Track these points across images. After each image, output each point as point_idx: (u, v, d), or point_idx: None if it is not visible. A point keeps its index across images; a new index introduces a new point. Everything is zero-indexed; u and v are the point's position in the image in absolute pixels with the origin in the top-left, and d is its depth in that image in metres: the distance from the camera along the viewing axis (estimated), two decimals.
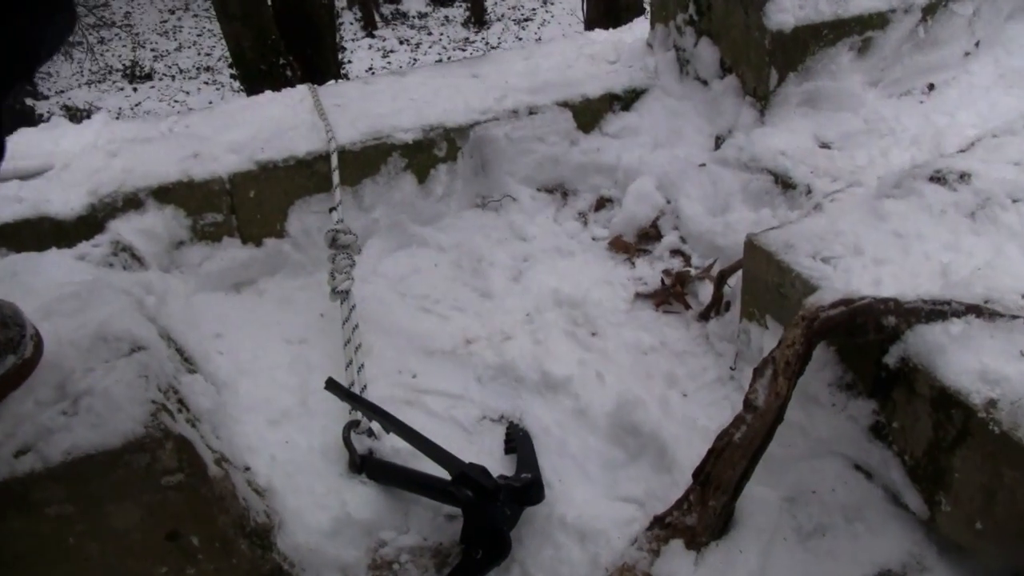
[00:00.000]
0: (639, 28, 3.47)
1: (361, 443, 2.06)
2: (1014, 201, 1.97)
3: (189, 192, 2.49)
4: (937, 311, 1.63)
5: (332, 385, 2.06)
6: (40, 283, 1.97)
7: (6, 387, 1.69)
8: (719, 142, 2.83)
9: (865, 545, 1.78)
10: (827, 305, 1.68)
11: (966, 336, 1.60)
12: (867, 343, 1.72)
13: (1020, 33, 2.92)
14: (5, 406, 1.67)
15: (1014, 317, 1.60)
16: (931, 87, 2.75)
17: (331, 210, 2.49)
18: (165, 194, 2.46)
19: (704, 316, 2.39)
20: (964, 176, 2.05)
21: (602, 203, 2.90)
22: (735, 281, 2.27)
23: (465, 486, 1.88)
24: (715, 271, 2.44)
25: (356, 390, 2.16)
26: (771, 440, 1.69)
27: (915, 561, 1.72)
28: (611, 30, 3.65)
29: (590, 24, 8.11)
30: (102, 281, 1.97)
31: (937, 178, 2.07)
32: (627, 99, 3.00)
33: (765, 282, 2.02)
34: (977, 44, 2.84)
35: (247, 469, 1.93)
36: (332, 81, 3.40)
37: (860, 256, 1.91)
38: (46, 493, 1.58)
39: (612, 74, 3.05)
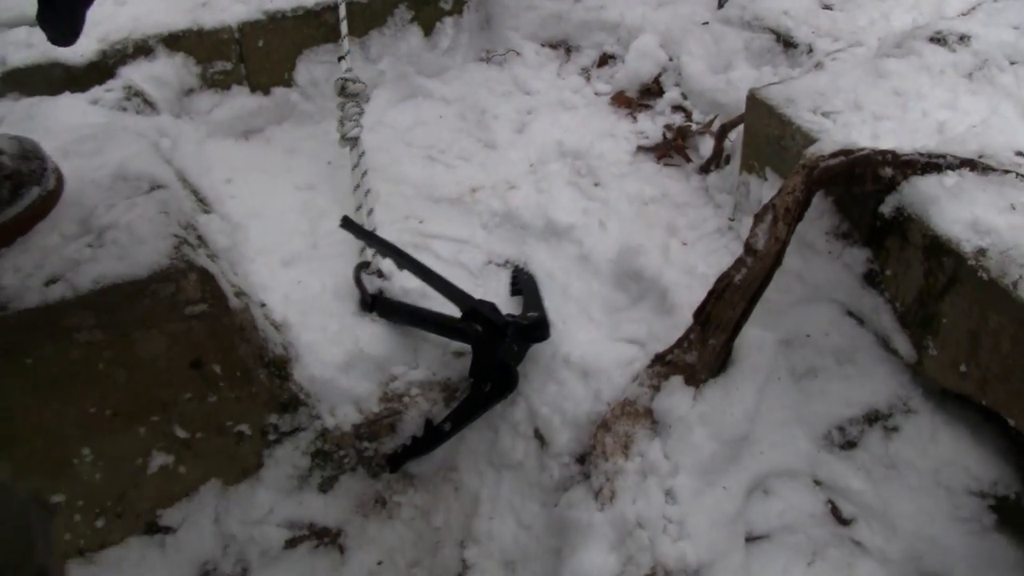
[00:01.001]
0: None
1: (371, 283, 2.11)
2: (1012, 63, 2.00)
3: (199, 40, 2.50)
4: (932, 164, 1.68)
5: (347, 223, 2.11)
6: (56, 125, 2.02)
7: (33, 218, 1.75)
8: (722, 1, 2.83)
9: (854, 386, 1.86)
10: (827, 155, 1.72)
11: (959, 188, 1.65)
12: (864, 193, 1.78)
13: None
14: (31, 238, 1.73)
15: (1006, 172, 1.65)
16: None
17: (340, 59, 2.50)
18: (175, 42, 2.47)
19: (704, 169, 2.44)
20: (964, 38, 2.07)
21: (605, 59, 2.91)
22: (735, 135, 2.31)
23: (475, 322, 1.97)
24: (716, 126, 2.47)
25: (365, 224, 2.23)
26: (769, 283, 1.75)
27: (901, 403, 1.81)
28: None
29: None
30: (118, 123, 2.02)
31: (937, 39, 2.09)
32: None
33: (766, 135, 2.06)
34: None
35: (263, 305, 2.00)
36: None
37: (859, 111, 1.94)
38: (76, 320, 1.65)
39: None
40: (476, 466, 2.06)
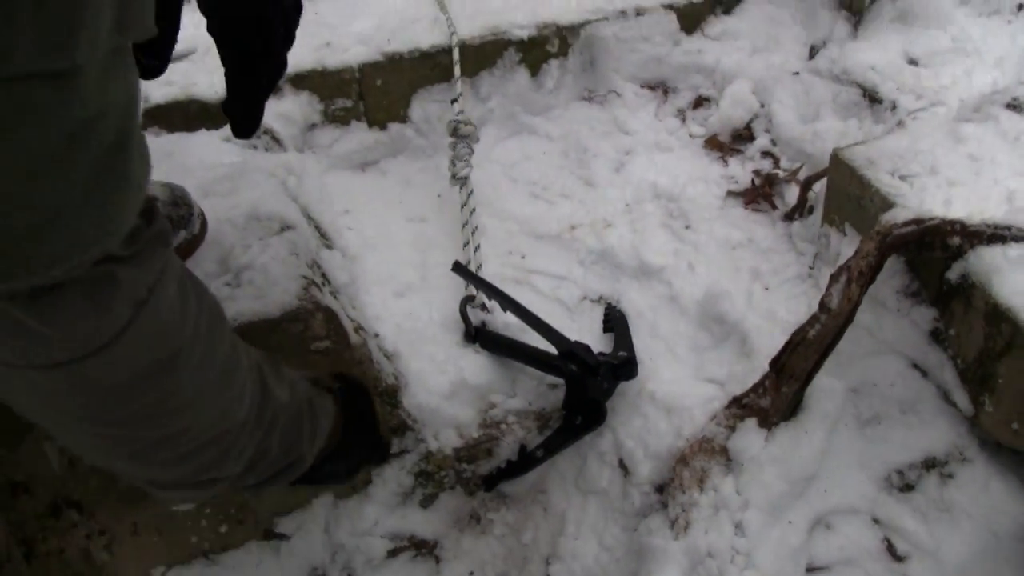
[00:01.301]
0: None
1: (475, 316, 2.23)
2: None
3: (322, 79, 2.63)
4: (998, 235, 1.77)
5: (458, 267, 2.23)
6: (194, 163, 2.16)
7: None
8: (813, 52, 2.91)
9: (915, 434, 1.95)
10: (900, 223, 1.83)
11: (1022, 260, 1.74)
12: (933, 258, 1.87)
13: None
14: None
15: None
16: (1020, 7, 2.76)
17: (452, 101, 2.61)
18: (301, 81, 2.60)
19: (789, 217, 2.51)
20: None
21: (700, 102, 2.99)
22: (819, 187, 2.38)
23: (571, 361, 2.06)
24: (802, 175, 2.55)
25: (472, 268, 2.32)
26: (841, 338, 1.85)
27: (958, 451, 1.90)
28: None
29: None
30: (251, 163, 2.15)
31: (1014, 105, 2.15)
32: (728, 3, 3.07)
33: (847, 193, 2.14)
34: None
35: (376, 335, 2.14)
36: None
37: (935, 176, 2.01)
38: None
39: None
40: (564, 489, 2.16)
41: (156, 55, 1.34)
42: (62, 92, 0.74)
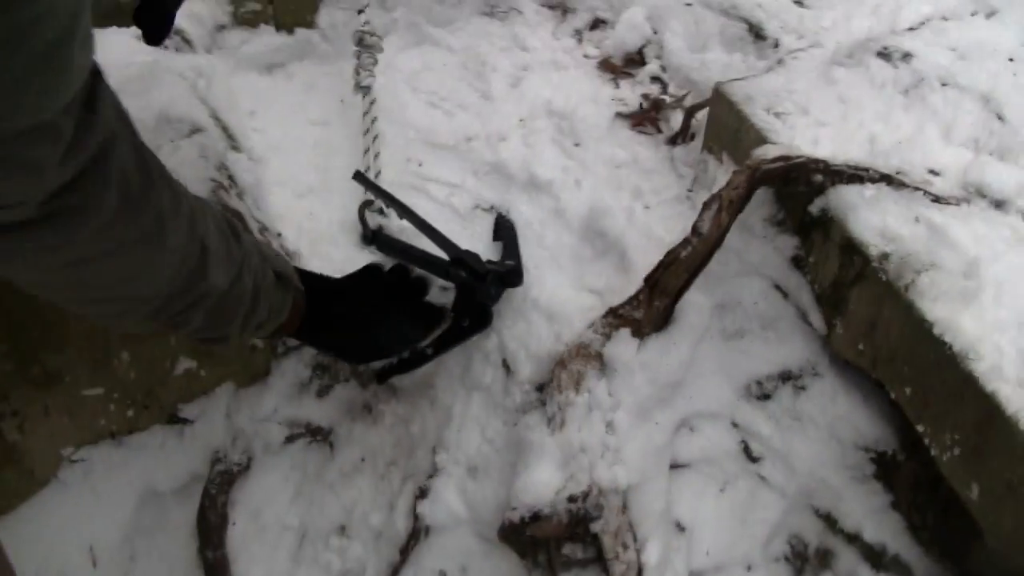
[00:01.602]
0: None
1: (373, 220, 2.33)
2: (943, 84, 2.18)
3: None
4: (856, 175, 1.92)
5: (359, 176, 2.29)
6: (105, 61, 2.22)
7: None
8: None
9: (774, 349, 2.09)
10: (769, 159, 1.96)
11: (876, 199, 1.89)
12: (798, 192, 2.02)
13: None
14: None
15: (916, 188, 1.89)
16: None
17: (359, 12, 2.65)
18: None
19: (672, 141, 2.63)
20: (906, 56, 2.27)
21: (597, 23, 3.08)
22: (701, 116, 2.51)
23: (460, 268, 2.17)
24: (687, 102, 2.67)
25: (372, 174, 2.41)
26: (710, 260, 1.99)
27: (811, 367, 2.06)
28: None
29: None
30: (161, 64, 2.19)
31: (884, 54, 2.29)
32: None
33: (726, 125, 2.27)
34: None
35: (279, 235, 2.22)
36: None
37: (806, 115, 2.15)
38: None
39: None
40: (451, 385, 2.26)
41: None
42: None
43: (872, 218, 1.88)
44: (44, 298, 1.26)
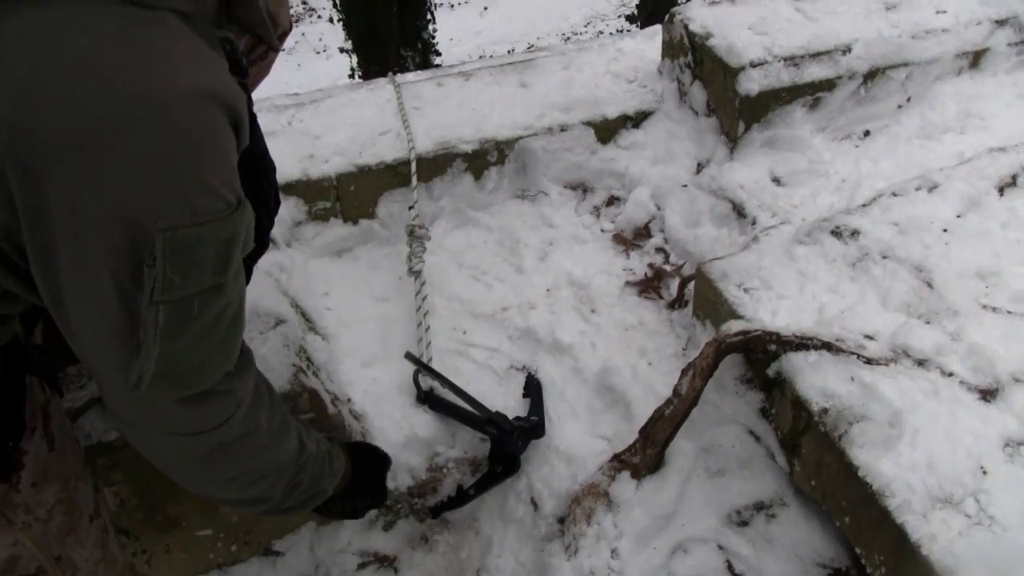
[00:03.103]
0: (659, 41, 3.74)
1: (425, 382, 2.60)
2: (884, 257, 2.43)
3: (306, 187, 3.03)
4: (803, 344, 2.20)
5: (410, 356, 2.58)
6: None
7: None
8: (700, 168, 3.29)
9: (749, 484, 2.36)
10: (732, 333, 2.25)
11: (818, 364, 2.16)
12: (759, 357, 2.31)
13: (944, 92, 3.31)
14: None
15: (851, 353, 2.17)
16: (867, 133, 3.19)
17: (410, 208, 3.00)
18: (289, 188, 2.98)
19: (671, 306, 2.89)
20: (855, 233, 2.52)
21: (612, 200, 3.38)
22: (692, 285, 2.74)
23: (492, 426, 2.45)
24: (685, 271, 2.94)
25: (424, 344, 2.70)
26: (689, 415, 2.28)
27: (779, 498, 2.32)
28: (640, 33, 4.03)
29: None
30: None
31: (836, 232, 2.55)
32: (637, 119, 3.47)
33: (707, 297, 2.54)
34: (908, 99, 3.27)
35: (348, 400, 2.53)
36: (411, 74, 3.87)
37: (769, 290, 2.42)
38: None
39: (629, 94, 3.52)
40: (491, 519, 2.54)
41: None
42: (220, 293, 1.26)
43: (815, 379, 2.15)
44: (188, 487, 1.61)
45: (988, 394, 2.10)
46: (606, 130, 3.46)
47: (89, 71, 1.06)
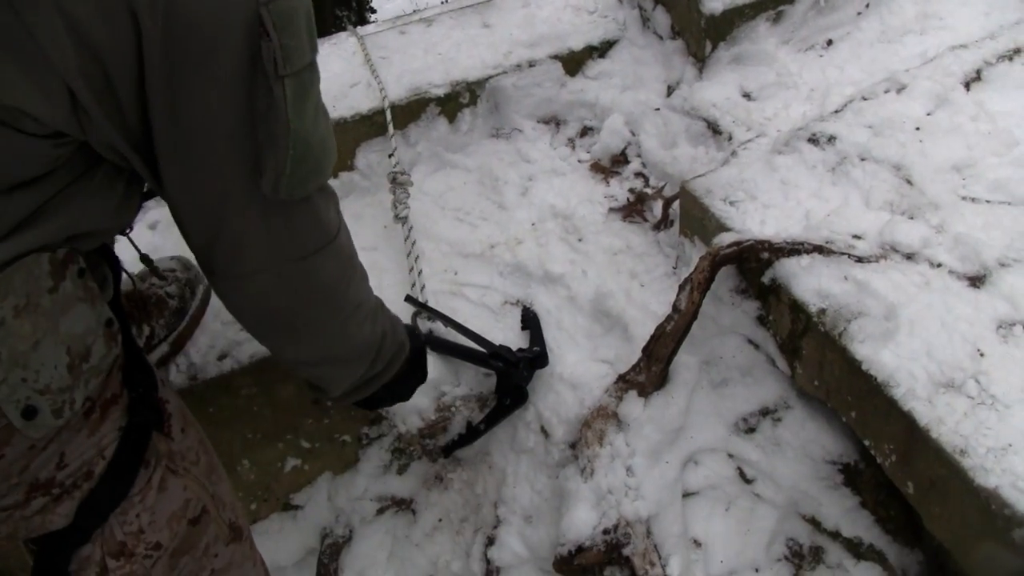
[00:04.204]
0: None
1: (423, 324, 2.61)
2: (862, 159, 2.44)
3: None
4: (794, 249, 2.21)
5: (409, 299, 2.60)
6: None
7: (203, 310, 2.34)
8: (670, 91, 3.29)
9: (753, 391, 2.38)
10: (725, 245, 2.26)
11: (811, 266, 2.18)
12: (752, 267, 2.33)
13: None
14: (203, 325, 2.29)
15: (842, 253, 2.18)
16: (829, 42, 3.17)
17: (389, 156, 2.98)
18: None
19: (656, 228, 2.90)
20: (831, 138, 2.53)
21: (585, 131, 3.38)
22: (676, 205, 2.76)
23: (498, 359, 2.47)
24: (666, 192, 2.95)
25: (418, 288, 2.69)
26: (690, 329, 2.30)
27: (783, 401, 2.35)
28: None
29: None
30: None
31: (813, 139, 2.56)
32: (603, 48, 3.46)
33: (694, 214, 2.54)
34: (867, 5, 3.25)
35: None
36: (371, 25, 3.81)
37: (754, 201, 2.42)
38: (240, 381, 2.21)
39: (591, 25, 3.50)
40: (503, 451, 2.57)
41: None
42: (315, 70, 1.34)
43: (809, 282, 2.18)
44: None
45: (977, 280, 2.12)
46: (573, 62, 3.45)
47: None
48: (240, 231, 1.39)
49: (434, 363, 2.56)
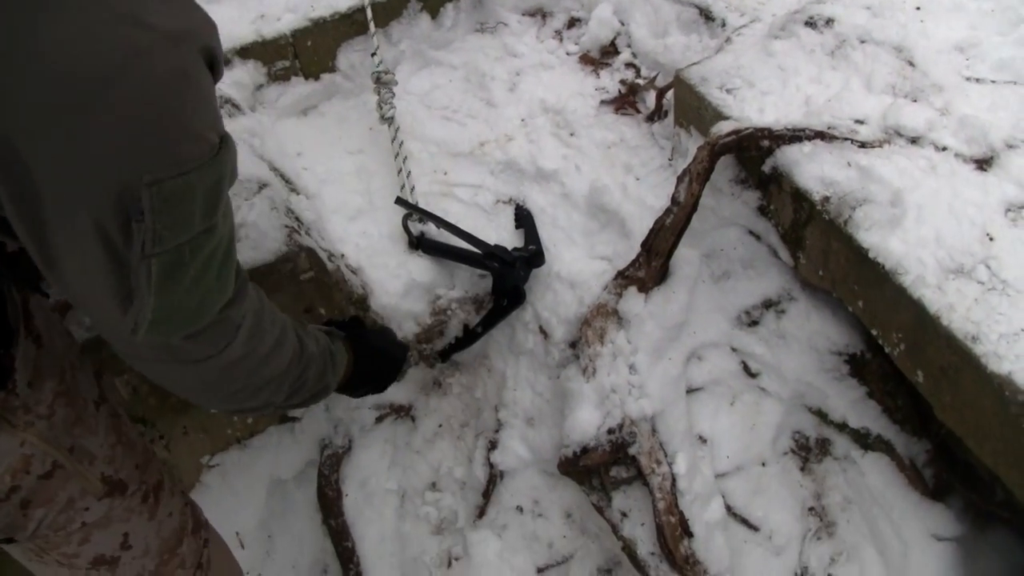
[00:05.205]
0: None
1: (415, 227, 2.58)
2: (862, 42, 2.39)
3: (263, 48, 2.92)
4: (795, 136, 2.17)
5: (400, 201, 2.55)
6: None
7: None
8: None
9: (755, 283, 2.36)
10: (724, 134, 2.21)
11: (813, 153, 2.14)
12: (752, 156, 2.28)
13: None
14: None
15: (845, 139, 2.14)
16: None
17: (372, 55, 2.89)
18: (245, 52, 2.88)
19: (650, 119, 2.85)
20: (829, 21, 2.48)
21: (572, 22, 3.31)
22: (670, 95, 2.71)
23: (493, 259, 2.44)
24: (659, 83, 2.89)
25: (407, 190, 2.65)
26: (690, 222, 2.25)
27: (786, 293, 2.33)
28: None
29: None
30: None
31: (810, 22, 2.49)
32: None
33: (689, 104, 2.50)
34: None
35: (342, 256, 2.49)
36: None
37: (752, 88, 2.38)
38: None
39: None
40: (502, 354, 2.56)
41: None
42: (211, 234, 1.20)
43: (812, 169, 2.13)
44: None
45: (984, 163, 2.08)
46: None
47: (62, 33, 1.01)
48: (113, 334, 1.30)
49: (428, 266, 2.57)
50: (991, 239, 1.93)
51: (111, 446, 1.60)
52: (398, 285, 2.51)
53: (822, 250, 2.15)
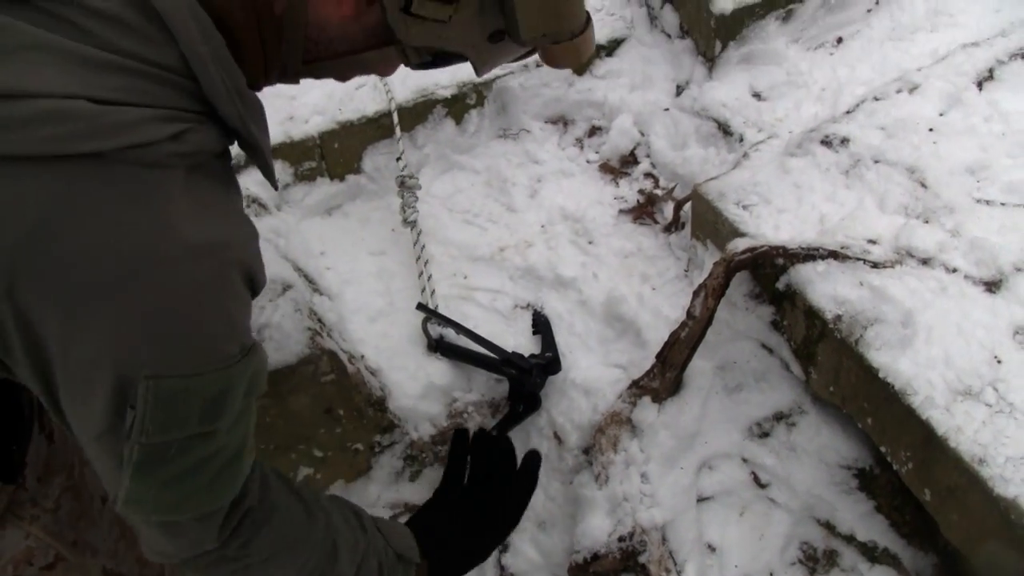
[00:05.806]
0: None
1: (434, 330, 2.61)
2: (875, 162, 2.45)
3: (291, 148, 3.00)
4: (809, 255, 2.23)
5: (421, 306, 2.60)
6: None
7: None
8: (679, 91, 3.30)
9: (767, 396, 2.40)
10: (740, 251, 2.27)
11: (826, 273, 2.20)
12: (767, 272, 2.34)
13: None
14: None
15: (857, 259, 2.20)
16: (839, 40, 3.18)
17: (397, 159, 2.98)
18: (274, 152, 2.92)
19: (667, 229, 2.90)
20: (844, 140, 2.55)
21: (594, 131, 3.38)
22: (687, 208, 2.77)
23: (509, 366, 2.48)
24: (677, 194, 2.96)
25: (427, 293, 2.70)
26: (705, 335, 2.31)
27: (797, 406, 2.37)
28: None
29: None
30: None
31: (826, 141, 2.57)
32: (610, 47, 3.46)
33: (706, 218, 2.56)
34: (877, 2, 3.26)
35: (362, 357, 2.53)
36: None
37: (768, 204, 2.44)
38: None
39: (598, 23, 3.20)
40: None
41: None
42: (208, 440, 1.21)
43: (825, 288, 2.19)
44: None
45: (993, 285, 2.14)
46: None
47: (86, 232, 1.04)
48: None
49: (446, 369, 2.60)
50: (999, 361, 1.98)
51: (114, 540, 1.63)
52: (416, 387, 2.54)
53: (833, 367, 2.20)
